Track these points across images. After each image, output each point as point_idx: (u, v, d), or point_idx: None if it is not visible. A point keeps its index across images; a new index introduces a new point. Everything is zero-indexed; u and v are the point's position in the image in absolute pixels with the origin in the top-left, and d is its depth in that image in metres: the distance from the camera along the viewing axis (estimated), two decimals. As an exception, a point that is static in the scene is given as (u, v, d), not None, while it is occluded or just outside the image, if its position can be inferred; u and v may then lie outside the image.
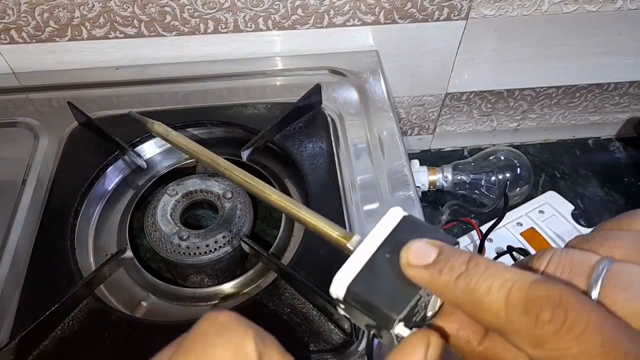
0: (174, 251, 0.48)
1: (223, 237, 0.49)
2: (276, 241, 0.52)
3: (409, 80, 0.73)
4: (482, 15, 0.65)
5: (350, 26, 0.64)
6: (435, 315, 0.24)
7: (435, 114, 0.80)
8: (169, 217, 0.50)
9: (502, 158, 0.73)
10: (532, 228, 0.71)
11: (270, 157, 0.59)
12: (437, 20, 0.65)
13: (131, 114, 0.42)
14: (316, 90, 0.58)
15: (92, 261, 0.51)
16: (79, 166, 0.55)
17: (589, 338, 0.17)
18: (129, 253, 0.51)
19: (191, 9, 0.60)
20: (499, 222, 0.65)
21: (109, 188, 0.56)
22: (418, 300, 0.22)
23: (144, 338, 0.42)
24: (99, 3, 0.59)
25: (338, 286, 0.23)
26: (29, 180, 0.53)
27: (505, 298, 0.19)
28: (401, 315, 0.22)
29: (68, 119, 0.58)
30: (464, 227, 0.72)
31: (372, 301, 0.22)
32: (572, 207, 0.74)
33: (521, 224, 0.72)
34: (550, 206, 0.74)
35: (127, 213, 0.55)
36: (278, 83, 0.64)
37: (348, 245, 0.25)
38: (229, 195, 0.52)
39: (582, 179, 0.80)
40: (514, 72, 0.74)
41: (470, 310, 0.21)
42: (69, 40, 0.62)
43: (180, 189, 0.52)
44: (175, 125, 0.57)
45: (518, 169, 0.72)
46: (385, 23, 0.64)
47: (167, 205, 0.51)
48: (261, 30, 0.63)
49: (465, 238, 0.71)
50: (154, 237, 0.49)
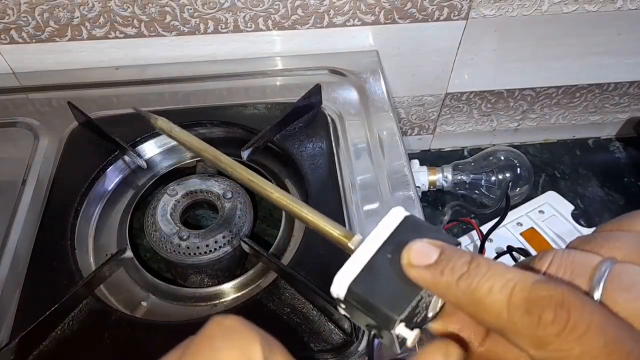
0: (174, 251, 0.48)
1: (223, 237, 0.49)
2: (276, 241, 0.52)
3: (409, 80, 0.73)
4: (482, 15, 0.65)
5: (350, 26, 0.64)
6: (436, 315, 0.24)
7: (435, 114, 0.80)
8: (169, 217, 0.50)
9: (502, 158, 0.73)
10: (532, 228, 0.71)
11: (270, 157, 0.59)
12: (437, 20, 0.65)
13: (135, 109, 0.41)
14: (316, 90, 0.58)
15: (92, 261, 0.51)
16: (79, 166, 0.55)
17: (592, 339, 0.17)
18: (129, 253, 0.50)
19: (191, 9, 0.60)
20: (501, 223, 0.65)
21: (109, 188, 0.56)
22: (419, 300, 0.22)
23: (144, 338, 0.42)
24: (99, 3, 0.59)
25: (339, 286, 0.23)
26: (29, 180, 0.53)
27: (507, 298, 0.19)
28: (402, 315, 0.22)
29: (68, 119, 0.58)
30: (464, 227, 0.72)
31: (373, 301, 0.22)
32: (572, 207, 0.74)
33: (521, 224, 0.72)
34: (550, 206, 0.74)
35: (127, 213, 0.55)
36: (278, 83, 0.64)
37: (349, 244, 0.25)
38: (229, 195, 0.52)
39: (582, 179, 0.80)
40: (514, 72, 0.74)
41: (471, 310, 0.21)
42: (69, 40, 0.62)
43: (180, 189, 0.52)
44: (175, 125, 0.57)
45: (518, 169, 0.72)
46: (385, 23, 0.64)
47: (167, 205, 0.51)
48: (261, 30, 0.63)
49: (465, 238, 0.71)
50: (154, 237, 0.49)
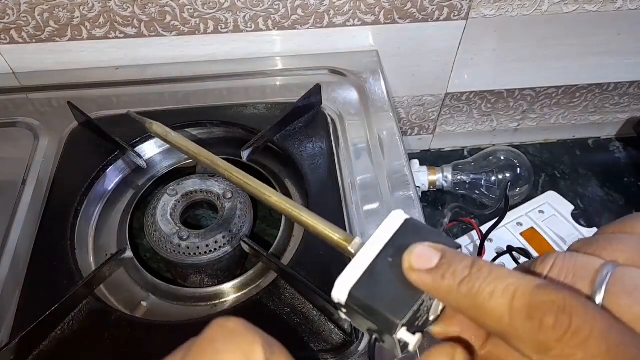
0: (174, 251, 0.48)
1: (223, 237, 0.49)
2: (276, 241, 0.52)
3: (409, 80, 0.73)
4: (482, 15, 0.65)
5: (350, 26, 0.64)
6: (437, 319, 0.24)
7: (435, 114, 0.80)
8: (169, 217, 0.50)
9: (502, 158, 0.73)
10: (532, 228, 0.71)
11: (270, 157, 0.59)
12: (437, 20, 0.65)
13: (130, 115, 0.41)
14: (316, 90, 0.58)
15: (92, 261, 0.51)
16: (79, 166, 0.55)
17: (594, 344, 0.17)
18: (129, 253, 0.50)
19: (191, 9, 0.60)
20: (500, 223, 0.65)
21: (109, 188, 0.56)
22: (420, 304, 0.22)
23: (144, 338, 0.42)
24: (99, 3, 0.58)
25: (340, 291, 0.23)
26: (29, 180, 0.53)
27: (508, 303, 0.19)
28: (404, 320, 0.22)
29: (68, 119, 0.58)
30: (464, 227, 0.72)
31: (374, 306, 0.22)
32: (572, 207, 0.74)
33: (521, 224, 0.72)
34: (550, 206, 0.74)
35: (127, 213, 0.55)
36: (278, 83, 0.64)
37: (349, 248, 0.25)
38: (229, 195, 0.52)
39: (582, 179, 0.80)
40: (514, 72, 0.74)
41: (473, 314, 0.21)
42: (69, 40, 0.62)
43: (180, 189, 0.52)
44: (175, 125, 0.57)
45: (518, 169, 0.72)
46: (385, 23, 0.64)
47: (167, 205, 0.51)
48: (261, 30, 0.63)
49: (465, 238, 0.71)
50: (154, 237, 0.49)
